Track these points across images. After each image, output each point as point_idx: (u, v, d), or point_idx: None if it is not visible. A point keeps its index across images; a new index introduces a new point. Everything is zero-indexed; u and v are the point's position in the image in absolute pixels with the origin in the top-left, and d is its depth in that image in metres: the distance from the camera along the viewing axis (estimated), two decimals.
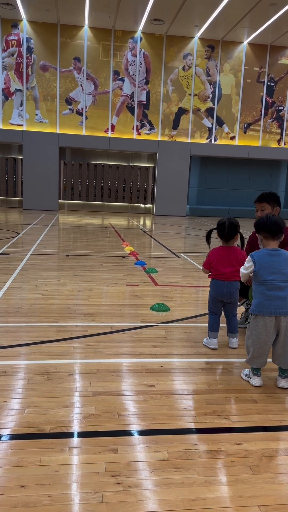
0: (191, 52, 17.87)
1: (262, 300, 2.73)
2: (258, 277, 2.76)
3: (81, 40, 17.14)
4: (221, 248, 3.46)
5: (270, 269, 2.73)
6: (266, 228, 2.80)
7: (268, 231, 2.81)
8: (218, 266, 3.42)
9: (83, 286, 5.27)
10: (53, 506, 1.70)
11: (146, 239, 10.55)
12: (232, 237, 3.40)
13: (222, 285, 3.40)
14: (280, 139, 19.07)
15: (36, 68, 17.14)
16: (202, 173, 19.40)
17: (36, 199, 17.34)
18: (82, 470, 1.93)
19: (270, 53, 18.34)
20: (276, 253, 2.77)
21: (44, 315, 4.10)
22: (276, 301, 2.70)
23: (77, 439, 2.16)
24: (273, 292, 2.70)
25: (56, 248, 8.39)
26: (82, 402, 2.51)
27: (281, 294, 2.70)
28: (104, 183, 18.48)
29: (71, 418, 2.34)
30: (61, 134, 17.29)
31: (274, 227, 2.79)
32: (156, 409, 2.47)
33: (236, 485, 1.87)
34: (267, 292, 2.72)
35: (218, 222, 3.43)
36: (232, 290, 3.40)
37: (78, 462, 1.98)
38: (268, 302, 2.72)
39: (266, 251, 2.79)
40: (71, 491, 1.78)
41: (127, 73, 17.69)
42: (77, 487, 1.81)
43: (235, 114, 18.65)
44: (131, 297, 4.91)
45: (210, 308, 3.53)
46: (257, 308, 2.75)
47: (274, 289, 2.71)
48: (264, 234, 2.82)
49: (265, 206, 3.74)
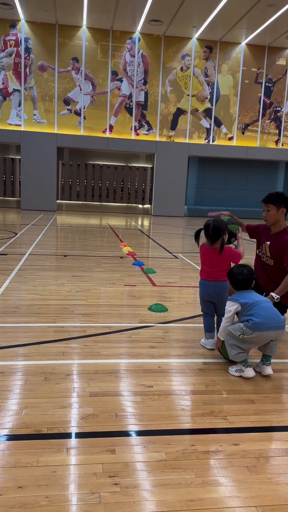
0: (189, 53, 17.88)
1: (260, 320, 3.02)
2: (246, 312, 3.06)
3: (79, 40, 17.13)
4: (207, 248, 3.44)
5: (250, 300, 3.07)
6: (234, 283, 3.13)
7: (236, 286, 3.13)
8: (203, 264, 3.44)
9: (81, 286, 5.26)
10: (50, 507, 1.70)
11: (144, 240, 10.55)
12: (216, 240, 3.36)
13: (208, 285, 3.40)
14: (278, 140, 19.10)
15: (34, 68, 17.12)
16: (200, 174, 19.41)
17: (34, 200, 17.31)
18: (79, 470, 1.92)
19: (268, 54, 18.37)
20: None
21: (42, 316, 4.09)
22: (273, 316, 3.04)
23: (75, 439, 2.16)
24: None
25: (54, 249, 8.38)
26: (80, 402, 2.51)
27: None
28: (102, 183, 18.47)
29: (69, 418, 2.34)
30: (59, 134, 17.27)
31: (240, 283, 3.10)
32: (153, 410, 2.47)
33: (233, 485, 1.87)
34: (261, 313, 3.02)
35: (205, 223, 3.40)
36: (218, 290, 3.37)
37: (75, 462, 1.98)
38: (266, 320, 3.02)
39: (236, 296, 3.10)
40: (68, 492, 1.78)
41: (125, 73, 17.69)
42: (75, 488, 1.81)
43: (233, 114, 18.67)
44: (129, 297, 4.91)
45: (202, 309, 3.54)
46: (254, 326, 2.98)
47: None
48: (234, 287, 3.15)
49: (271, 207, 3.70)
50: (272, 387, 2.84)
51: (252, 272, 3.15)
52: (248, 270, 3.11)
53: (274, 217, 3.67)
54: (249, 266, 3.18)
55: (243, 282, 3.07)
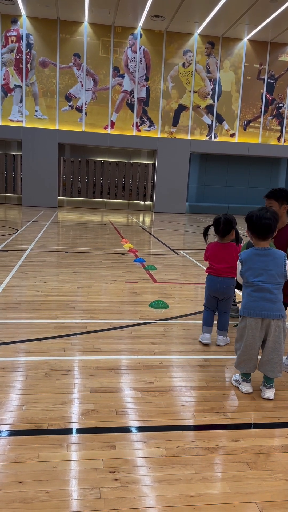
0: (191, 49, 17.81)
1: (248, 301, 2.63)
2: (245, 278, 2.66)
3: (81, 36, 17.07)
4: (216, 244, 3.48)
5: (257, 270, 2.61)
6: (253, 228, 2.65)
7: (255, 231, 2.65)
8: (212, 261, 3.46)
9: (82, 283, 5.27)
10: (50, 502, 1.70)
11: (145, 236, 10.54)
12: (227, 233, 3.41)
13: (216, 281, 3.42)
14: (280, 136, 19.04)
15: (36, 64, 17.08)
16: (202, 170, 19.38)
17: (35, 196, 17.31)
18: (80, 466, 1.93)
19: (270, 50, 18.29)
20: (264, 252, 2.62)
21: (43, 312, 4.10)
22: (262, 303, 2.58)
23: (75, 435, 2.17)
24: (259, 294, 2.59)
25: (55, 245, 8.38)
26: (81, 398, 2.52)
27: (268, 296, 2.58)
28: (103, 180, 18.45)
29: (69, 414, 2.34)
30: (60, 130, 17.24)
31: (261, 228, 2.61)
32: (154, 406, 2.48)
33: (233, 481, 1.88)
34: (253, 293, 2.61)
35: (214, 218, 3.45)
36: (225, 286, 3.39)
37: (76, 458, 1.98)
38: (254, 304, 2.60)
39: (254, 250, 2.65)
40: (68, 487, 1.79)
41: (127, 69, 17.64)
42: (75, 483, 1.82)
43: (235, 111, 18.61)
44: (130, 294, 4.91)
45: (205, 303, 3.56)
46: (243, 310, 2.65)
47: (260, 290, 2.59)
48: (253, 233, 2.67)
49: (273, 203, 3.70)
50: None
51: (277, 216, 2.72)
52: (272, 213, 2.67)
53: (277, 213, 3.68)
54: (272, 209, 2.82)
55: (264, 228, 2.62)
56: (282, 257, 2.61)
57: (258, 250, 2.64)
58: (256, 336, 2.61)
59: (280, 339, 2.60)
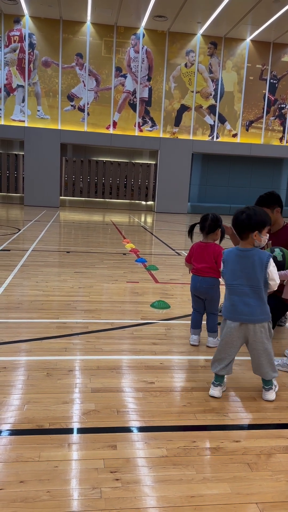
0: (193, 49, 17.81)
1: (228, 304, 2.57)
2: (225, 280, 2.60)
3: (84, 36, 17.09)
4: (199, 244, 3.46)
5: (236, 272, 2.51)
6: (233, 226, 2.57)
7: (235, 229, 2.56)
8: (193, 261, 3.46)
9: (83, 282, 5.27)
10: (51, 502, 1.71)
11: (147, 236, 10.55)
12: (212, 231, 3.38)
13: (197, 280, 3.41)
14: (282, 137, 19.02)
15: (38, 64, 17.10)
16: (204, 171, 19.37)
17: (37, 196, 17.33)
18: (81, 466, 1.93)
19: (273, 51, 18.27)
20: (244, 254, 2.51)
21: (44, 312, 4.10)
22: (240, 307, 2.50)
23: (76, 435, 2.17)
24: (237, 297, 2.51)
25: (57, 245, 8.39)
26: (82, 398, 2.52)
27: (247, 300, 2.49)
28: (105, 180, 18.46)
29: (71, 414, 2.34)
30: (62, 130, 17.26)
31: (236, 226, 2.52)
32: (155, 406, 2.48)
33: (234, 482, 1.88)
34: (231, 296, 2.55)
35: (202, 216, 3.43)
36: (205, 285, 3.35)
37: (77, 458, 1.98)
38: (232, 307, 2.54)
39: (235, 251, 2.56)
40: (70, 487, 1.79)
41: (129, 69, 17.64)
42: (76, 483, 1.82)
43: (237, 111, 18.60)
44: (132, 294, 4.91)
45: (192, 304, 3.55)
46: (223, 311, 2.62)
47: (238, 294, 2.51)
48: (236, 231, 2.57)
49: (264, 209, 3.73)
50: None
51: (261, 215, 2.53)
52: (252, 210, 2.52)
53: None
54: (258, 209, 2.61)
55: (238, 225, 2.53)
56: (263, 259, 2.46)
57: (239, 250, 2.54)
58: (234, 337, 2.56)
59: (263, 342, 2.53)
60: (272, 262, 2.48)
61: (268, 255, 2.49)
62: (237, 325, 2.55)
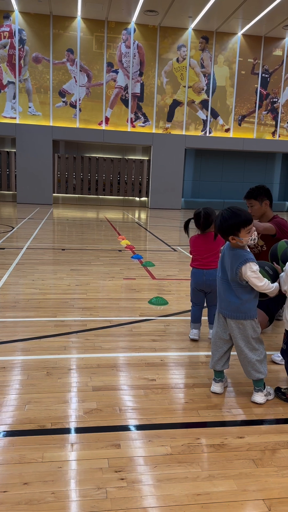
0: (185, 44, 17.73)
1: (217, 294, 2.65)
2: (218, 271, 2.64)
3: (74, 31, 16.93)
4: (198, 237, 3.44)
5: (223, 265, 2.56)
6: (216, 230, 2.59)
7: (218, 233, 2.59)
8: (196, 255, 3.43)
9: (80, 280, 5.23)
10: (57, 503, 1.68)
11: (141, 233, 10.51)
12: (207, 227, 3.36)
13: (201, 274, 3.39)
14: (274, 131, 19.03)
15: (29, 60, 16.93)
16: (197, 166, 19.34)
17: (30, 193, 17.21)
18: (85, 466, 1.91)
19: (265, 45, 18.24)
20: (231, 252, 2.51)
21: (41, 310, 4.07)
22: (220, 299, 2.59)
23: (79, 434, 2.14)
24: (219, 289, 2.59)
25: (52, 242, 8.33)
26: (83, 397, 2.50)
27: (222, 294, 2.56)
28: (98, 176, 18.36)
29: (72, 413, 2.32)
30: (54, 127, 17.13)
31: (217, 230, 2.53)
32: (157, 403, 2.46)
33: (240, 478, 1.87)
34: (218, 289, 2.63)
35: (194, 212, 3.40)
36: (211, 278, 3.32)
37: (80, 458, 1.96)
38: (218, 298, 2.63)
39: (228, 246, 2.56)
40: (74, 488, 1.77)
41: (121, 64, 17.53)
42: (81, 484, 1.80)
43: (230, 106, 18.57)
44: (129, 291, 4.89)
45: (191, 298, 3.51)
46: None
47: (221, 287, 2.56)
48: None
49: (253, 202, 3.77)
50: (274, 380, 2.82)
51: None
52: (225, 214, 2.47)
53: (258, 211, 3.74)
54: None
55: (216, 229, 2.55)
56: (236, 264, 2.43)
57: (229, 247, 2.54)
58: (220, 329, 2.59)
59: (240, 339, 2.49)
60: (250, 268, 2.40)
61: (243, 260, 2.41)
62: (223, 319, 2.58)
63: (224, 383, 2.67)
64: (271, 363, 3.04)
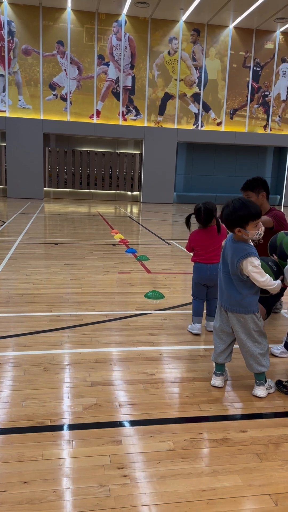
0: (176, 36, 17.59)
1: (219, 287, 2.61)
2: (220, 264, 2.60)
3: (64, 23, 16.70)
4: (199, 231, 3.40)
5: (225, 257, 2.51)
6: (221, 219, 2.52)
7: (223, 223, 2.52)
8: (200, 249, 3.39)
9: (74, 274, 5.17)
10: (58, 502, 1.64)
11: (134, 227, 10.45)
12: (209, 222, 3.34)
13: (205, 268, 3.36)
14: (266, 125, 19.02)
15: (18, 52, 16.68)
16: (189, 160, 19.27)
17: (20, 187, 17.02)
18: (86, 463, 1.86)
19: (256, 38, 18.17)
20: (234, 245, 2.46)
21: (36, 305, 4.00)
22: (221, 292, 2.55)
23: (79, 431, 2.09)
24: (220, 282, 2.55)
25: (44, 237, 8.24)
26: (82, 392, 2.44)
27: (224, 287, 2.51)
28: (90, 170, 18.22)
29: (72, 409, 2.27)
30: (45, 120, 16.93)
31: (224, 220, 2.46)
32: (157, 398, 2.42)
33: (245, 473, 1.83)
34: (219, 281, 2.58)
35: (195, 208, 3.36)
36: (215, 273, 3.27)
37: (81, 455, 1.91)
38: (219, 291, 2.59)
39: (230, 238, 2.52)
40: (76, 486, 1.72)
41: (112, 57, 17.35)
42: (82, 481, 1.75)
43: (221, 99, 18.50)
44: (124, 285, 4.83)
45: (194, 293, 3.48)
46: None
47: (223, 280, 2.52)
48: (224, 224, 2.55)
49: (249, 194, 3.72)
50: (275, 373, 2.80)
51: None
52: (236, 204, 2.42)
53: (255, 203, 3.69)
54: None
55: (223, 218, 2.49)
56: (236, 258, 2.38)
57: (231, 240, 2.50)
58: (222, 322, 2.55)
59: (242, 333, 2.45)
60: (251, 262, 2.35)
61: (245, 254, 2.35)
62: (224, 312, 2.54)
63: (225, 376, 2.64)
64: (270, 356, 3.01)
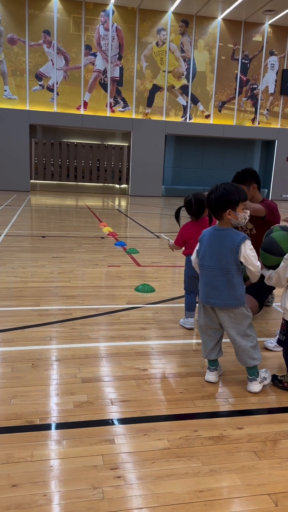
0: (164, 27, 17.40)
1: (200, 285, 2.46)
2: (198, 260, 2.46)
3: (51, 12, 16.37)
4: (192, 224, 3.32)
5: (210, 252, 2.36)
6: (208, 206, 2.43)
7: (209, 209, 2.42)
8: (193, 243, 3.29)
9: (63, 268, 5.06)
10: (49, 506, 1.55)
11: (123, 220, 10.34)
12: (201, 213, 3.26)
13: None
14: (254, 118, 18.99)
15: (4, 41, 16.31)
16: (177, 153, 19.17)
17: (6, 180, 16.73)
18: (78, 464, 1.78)
19: (244, 30, 18.07)
20: (221, 233, 2.34)
21: (24, 299, 3.89)
22: (208, 290, 2.38)
23: (70, 430, 2.01)
24: (206, 279, 2.38)
25: (31, 230, 8.08)
26: (72, 389, 2.36)
27: (215, 283, 2.34)
28: (77, 162, 17.99)
29: (62, 407, 2.18)
30: (31, 111, 16.64)
31: (210, 205, 2.38)
32: (150, 394, 2.35)
33: (242, 472, 1.77)
34: (202, 278, 2.43)
35: (185, 200, 3.27)
36: None
37: (73, 455, 1.83)
38: (202, 288, 2.43)
39: (212, 230, 2.41)
40: (68, 488, 1.64)
41: (99, 47, 17.09)
42: (75, 484, 1.67)
43: (210, 92, 18.40)
44: (114, 278, 4.74)
45: (186, 287, 3.38)
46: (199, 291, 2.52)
47: (207, 276, 2.38)
48: (210, 211, 2.45)
49: (240, 186, 3.63)
50: (269, 367, 2.75)
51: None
52: (222, 188, 2.39)
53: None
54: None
55: (210, 204, 2.40)
56: (235, 241, 2.28)
57: (215, 230, 2.39)
58: (208, 322, 2.45)
59: (232, 328, 2.37)
60: (248, 245, 2.28)
61: (243, 237, 2.28)
62: (208, 309, 2.44)
63: (219, 371, 2.58)
64: (263, 350, 2.97)
